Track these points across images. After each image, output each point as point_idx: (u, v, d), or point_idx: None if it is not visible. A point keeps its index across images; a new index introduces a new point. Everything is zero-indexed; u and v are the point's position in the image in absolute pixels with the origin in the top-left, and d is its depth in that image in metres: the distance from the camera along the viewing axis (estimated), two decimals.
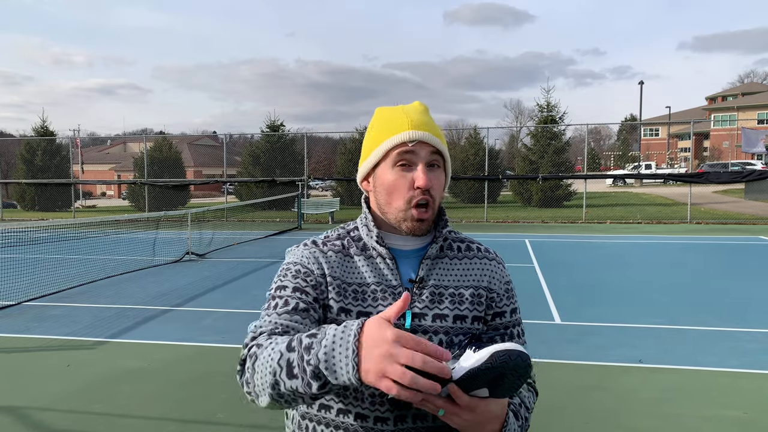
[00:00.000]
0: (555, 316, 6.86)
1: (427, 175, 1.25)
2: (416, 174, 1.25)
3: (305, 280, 1.23)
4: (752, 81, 73.62)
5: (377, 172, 1.30)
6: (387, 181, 1.27)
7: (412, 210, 1.26)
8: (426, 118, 1.29)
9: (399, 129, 1.26)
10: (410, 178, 1.25)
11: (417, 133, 1.24)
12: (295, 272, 1.25)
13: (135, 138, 56.13)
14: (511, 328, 1.35)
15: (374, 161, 1.29)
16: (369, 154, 1.31)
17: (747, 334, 5.97)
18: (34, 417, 4.12)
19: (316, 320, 1.20)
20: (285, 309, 1.18)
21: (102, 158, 58.58)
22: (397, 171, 1.26)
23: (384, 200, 1.29)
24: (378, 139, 1.29)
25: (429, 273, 1.30)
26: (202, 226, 17.41)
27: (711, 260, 11.07)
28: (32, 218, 23.60)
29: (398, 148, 1.25)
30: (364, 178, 1.35)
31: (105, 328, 6.47)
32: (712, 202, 24.79)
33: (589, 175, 22.59)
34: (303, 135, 23.67)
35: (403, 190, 1.26)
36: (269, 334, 1.12)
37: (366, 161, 1.32)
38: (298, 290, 1.21)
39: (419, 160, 1.25)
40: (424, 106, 1.33)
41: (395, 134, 1.26)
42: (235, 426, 3.93)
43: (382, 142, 1.27)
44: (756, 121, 48.00)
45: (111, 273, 9.85)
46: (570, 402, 4.32)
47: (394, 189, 1.27)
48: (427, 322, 1.25)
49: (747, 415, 4.03)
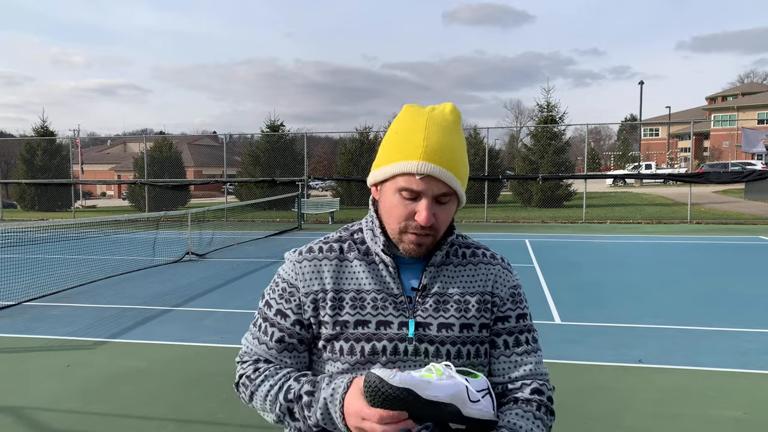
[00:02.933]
0: (555, 316, 6.86)
1: (430, 212, 1.15)
2: (419, 207, 1.15)
3: (288, 301, 1.26)
4: (752, 81, 73.61)
5: (383, 188, 1.22)
6: (389, 202, 1.20)
7: (409, 234, 1.19)
8: (447, 141, 1.16)
9: (411, 154, 1.14)
10: (412, 208, 1.16)
11: (427, 166, 1.13)
12: (281, 291, 1.28)
13: (135, 138, 56.16)
14: (517, 333, 1.27)
15: (381, 178, 1.21)
16: (380, 166, 1.22)
17: (747, 334, 5.97)
18: (34, 417, 4.12)
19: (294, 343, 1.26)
20: (266, 339, 1.27)
21: (102, 158, 58.59)
22: (400, 198, 1.17)
23: (385, 217, 1.23)
24: (390, 154, 1.19)
25: (433, 280, 1.24)
26: (202, 226, 17.41)
27: (711, 260, 11.07)
28: (32, 218, 23.59)
29: (405, 176, 1.15)
30: (374, 184, 1.26)
31: (105, 328, 6.47)
32: (712, 202, 24.78)
33: (589, 175, 22.60)
34: (303, 135, 23.67)
35: (402, 217, 1.18)
36: (254, 362, 1.28)
37: (375, 172, 1.23)
38: (279, 313, 1.27)
39: (426, 194, 1.15)
40: (454, 116, 1.20)
41: (405, 159, 1.15)
42: (235, 426, 3.93)
43: (391, 163, 1.18)
44: (756, 121, 48.01)
45: (111, 273, 9.85)
46: (570, 402, 4.32)
47: (393, 212, 1.19)
48: (432, 331, 1.21)
49: (747, 415, 4.03)
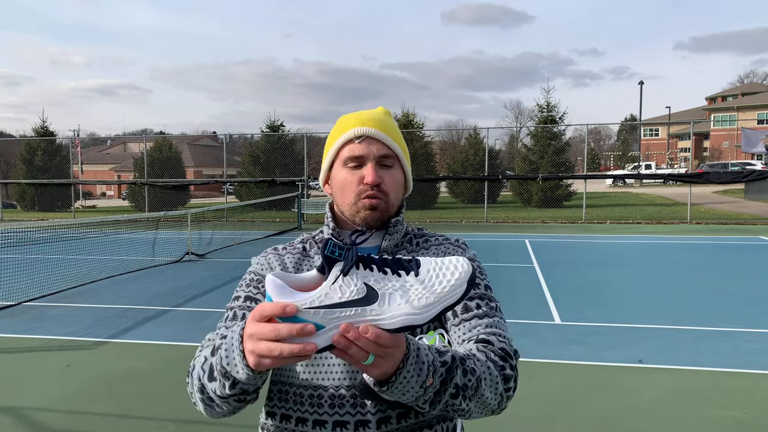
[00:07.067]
0: (555, 316, 6.86)
1: (376, 172, 1.23)
2: (365, 171, 1.24)
3: (257, 287, 1.27)
4: (752, 81, 73.62)
5: (332, 173, 1.31)
6: (339, 179, 1.28)
7: (362, 200, 1.25)
8: (380, 118, 1.28)
9: (348, 127, 1.27)
10: (359, 175, 1.25)
11: (362, 129, 1.24)
12: (249, 281, 1.30)
13: (135, 138, 56.20)
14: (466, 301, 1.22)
15: (329, 162, 1.30)
16: (324, 157, 1.33)
17: (747, 334, 5.97)
18: (34, 417, 4.12)
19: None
20: (233, 321, 1.23)
21: (102, 158, 58.55)
22: (347, 170, 1.26)
23: (339, 199, 1.29)
24: (331, 141, 1.30)
25: None
26: (202, 227, 17.41)
27: (711, 260, 11.07)
28: (32, 218, 23.59)
29: (346, 146, 1.26)
30: (325, 182, 1.35)
31: (105, 328, 6.47)
32: (712, 202, 24.78)
33: (589, 176, 22.60)
34: (303, 135, 23.68)
35: (353, 186, 1.25)
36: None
37: (324, 163, 1.33)
38: (249, 299, 1.26)
39: (369, 158, 1.24)
40: (384, 110, 1.32)
41: (343, 133, 1.26)
42: (235, 426, 3.93)
43: (333, 143, 1.28)
44: (756, 121, 48.00)
45: (111, 273, 9.85)
46: (570, 402, 4.32)
47: (345, 187, 1.26)
48: None
49: (747, 415, 4.03)
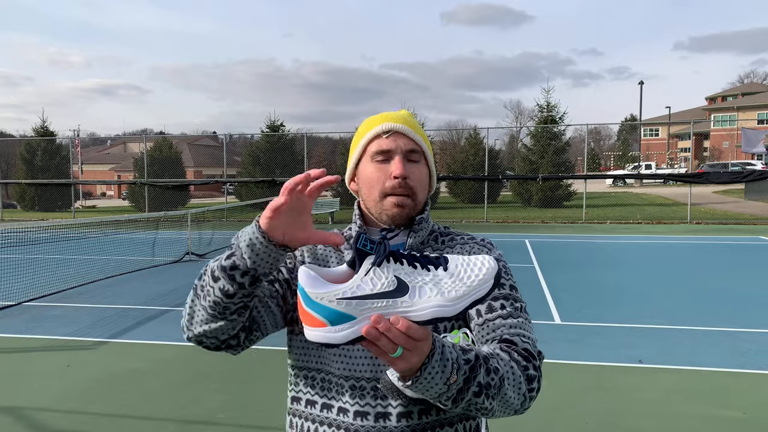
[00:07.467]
0: (555, 316, 6.86)
1: (404, 164, 1.25)
2: (393, 164, 1.26)
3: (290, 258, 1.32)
4: (752, 81, 73.62)
5: (359, 170, 1.33)
6: (366, 175, 1.29)
7: (390, 197, 1.26)
8: (405, 116, 1.31)
9: (375, 124, 1.30)
10: (387, 170, 1.27)
11: (390, 124, 1.27)
12: None
13: (135, 138, 56.26)
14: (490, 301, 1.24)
15: (356, 159, 1.33)
16: (351, 155, 1.36)
17: (747, 334, 5.97)
18: (34, 417, 4.12)
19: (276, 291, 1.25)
20: None
21: (102, 158, 58.57)
22: (375, 164, 1.28)
23: (366, 195, 1.30)
24: (358, 138, 1.33)
25: None
26: (202, 227, 17.40)
27: (711, 260, 11.07)
28: (32, 218, 23.59)
29: (374, 140, 1.28)
30: (351, 179, 1.37)
31: (105, 328, 6.47)
32: (712, 202, 24.79)
33: (589, 176, 22.60)
34: (303, 135, 23.68)
35: (381, 182, 1.27)
36: None
37: (350, 161, 1.36)
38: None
39: (396, 151, 1.27)
40: (408, 113, 1.36)
41: (371, 130, 1.29)
42: (235, 426, 3.93)
43: (360, 140, 1.31)
44: (756, 121, 47.99)
45: (111, 273, 9.85)
46: (570, 402, 4.32)
47: (372, 181, 1.28)
48: None
49: (747, 415, 4.03)
